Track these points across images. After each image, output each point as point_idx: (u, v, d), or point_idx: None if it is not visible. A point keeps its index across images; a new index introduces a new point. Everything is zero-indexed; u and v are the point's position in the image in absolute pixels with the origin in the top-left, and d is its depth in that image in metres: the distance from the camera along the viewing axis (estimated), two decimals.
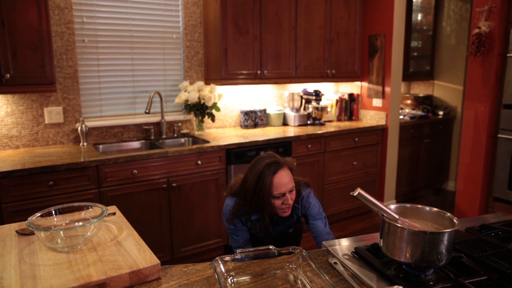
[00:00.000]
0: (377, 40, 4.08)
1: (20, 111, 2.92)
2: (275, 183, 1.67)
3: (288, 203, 1.70)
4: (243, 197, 1.75)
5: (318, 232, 1.85)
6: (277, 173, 1.68)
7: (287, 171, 1.72)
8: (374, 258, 1.22)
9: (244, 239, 1.89)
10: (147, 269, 1.12)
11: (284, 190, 1.68)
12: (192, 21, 3.51)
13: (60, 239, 1.26)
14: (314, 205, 1.86)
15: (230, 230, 1.89)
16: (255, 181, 1.68)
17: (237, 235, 1.88)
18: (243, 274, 1.17)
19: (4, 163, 2.52)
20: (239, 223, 1.86)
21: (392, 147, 4.21)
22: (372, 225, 4.03)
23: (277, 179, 1.67)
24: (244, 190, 1.74)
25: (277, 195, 1.68)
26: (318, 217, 1.86)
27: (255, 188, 1.68)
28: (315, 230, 1.86)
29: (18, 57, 2.56)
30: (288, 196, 1.70)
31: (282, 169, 1.70)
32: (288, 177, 1.71)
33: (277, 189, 1.67)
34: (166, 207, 2.93)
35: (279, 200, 1.69)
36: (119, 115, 3.34)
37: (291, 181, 1.71)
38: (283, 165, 1.71)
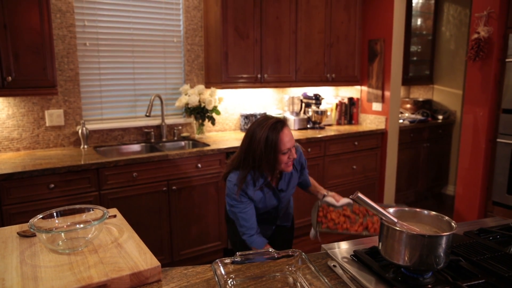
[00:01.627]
0: (376, 45, 4.10)
1: (21, 113, 2.93)
2: (283, 140, 1.78)
3: (293, 157, 1.83)
4: (250, 163, 1.81)
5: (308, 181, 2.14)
6: (283, 130, 1.80)
7: (289, 129, 1.85)
8: (373, 261, 1.23)
9: (253, 216, 1.91)
10: (147, 271, 1.13)
11: (290, 145, 1.80)
12: (193, 25, 3.54)
13: (61, 241, 1.27)
14: (301, 153, 2.04)
15: (238, 209, 1.89)
16: (264, 141, 1.77)
17: (246, 213, 1.89)
18: (242, 276, 1.17)
19: (5, 165, 2.53)
20: (245, 197, 1.89)
21: (391, 151, 4.22)
22: None
23: (284, 136, 1.78)
24: (251, 155, 1.81)
25: (285, 150, 1.78)
26: (305, 166, 2.08)
27: (265, 148, 1.77)
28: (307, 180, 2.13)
29: (20, 60, 2.58)
30: (293, 150, 1.83)
31: (286, 127, 1.82)
32: (291, 133, 1.84)
33: (285, 145, 1.78)
34: (166, 210, 2.93)
35: (285, 155, 1.80)
36: (119, 118, 3.35)
37: (293, 137, 1.85)
38: (286, 123, 1.84)
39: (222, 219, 3.21)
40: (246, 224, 1.89)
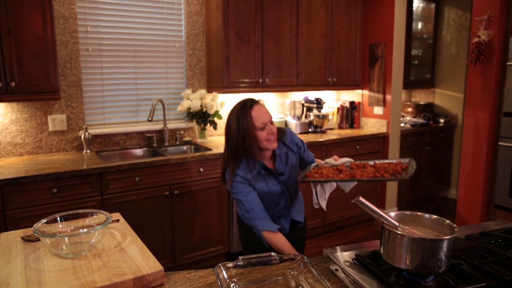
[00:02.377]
0: (377, 49, 4.12)
1: (24, 118, 2.95)
2: (254, 116, 1.75)
3: (272, 132, 1.77)
4: (234, 151, 1.78)
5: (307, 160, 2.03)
6: (253, 107, 1.77)
7: (261, 105, 1.81)
8: (375, 265, 1.23)
9: (259, 203, 1.81)
10: (150, 275, 1.14)
11: (265, 120, 1.76)
12: (195, 30, 3.56)
13: (65, 245, 1.28)
14: (295, 135, 2.01)
15: (243, 197, 1.80)
16: (236, 124, 1.75)
17: (251, 199, 1.80)
18: (245, 280, 1.18)
19: (8, 170, 2.55)
20: (248, 186, 1.83)
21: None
22: (373, 232, 4.03)
23: (254, 112, 1.76)
24: (232, 144, 1.78)
25: (260, 125, 1.75)
26: (302, 145, 2.03)
27: (238, 130, 1.74)
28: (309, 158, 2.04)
29: (23, 65, 2.60)
30: (270, 126, 1.78)
31: (256, 104, 1.79)
32: (264, 109, 1.81)
33: (258, 120, 1.75)
34: (168, 214, 2.94)
35: (263, 131, 1.76)
36: (122, 123, 3.37)
37: (268, 112, 1.81)
38: (256, 101, 1.81)
39: (224, 223, 3.21)
40: (254, 210, 1.78)
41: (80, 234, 1.31)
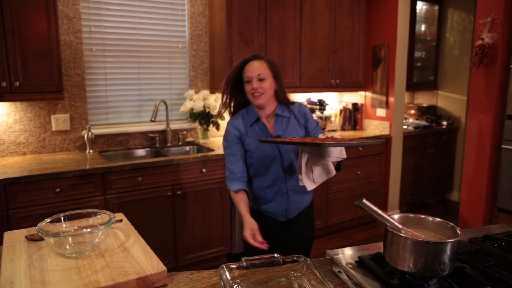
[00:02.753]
0: (381, 50, 4.12)
1: (28, 118, 2.96)
2: (245, 68, 1.83)
3: (254, 88, 1.80)
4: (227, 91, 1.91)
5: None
6: (250, 62, 1.84)
7: (262, 62, 1.83)
8: (378, 267, 1.23)
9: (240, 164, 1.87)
10: (154, 276, 1.14)
11: (251, 74, 1.80)
12: (198, 30, 3.56)
13: (68, 245, 1.29)
14: (310, 114, 1.98)
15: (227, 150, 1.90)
16: (232, 69, 1.88)
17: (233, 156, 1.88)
18: (248, 281, 1.18)
19: (12, 169, 2.55)
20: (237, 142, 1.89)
21: (396, 157, 4.22)
22: (376, 234, 4.02)
23: (248, 65, 1.83)
24: (226, 84, 1.90)
25: (245, 78, 1.83)
26: (317, 127, 1.97)
27: (232, 74, 1.87)
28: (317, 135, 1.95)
29: (27, 65, 2.61)
30: (255, 81, 1.80)
31: (256, 60, 1.84)
32: (260, 65, 1.83)
33: (245, 73, 1.83)
34: (171, 214, 2.94)
35: (248, 84, 1.82)
36: (125, 123, 3.38)
37: (261, 69, 1.81)
38: (260, 58, 1.85)
39: (226, 224, 3.21)
40: (231, 167, 1.87)
41: (84, 234, 1.31)
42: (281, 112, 1.92)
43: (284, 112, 1.93)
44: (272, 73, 1.85)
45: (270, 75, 1.84)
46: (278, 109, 1.91)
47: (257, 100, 1.82)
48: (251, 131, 1.90)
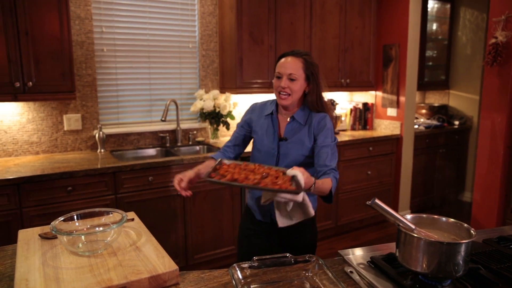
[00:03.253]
0: (391, 50, 4.08)
1: (41, 118, 2.99)
2: (279, 62, 1.75)
3: (281, 86, 1.71)
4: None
5: (317, 163, 1.73)
6: (286, 57, 1.75)
7: (298, 60, 1.72)
8: (390, 268, 1.22)
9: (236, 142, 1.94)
10: (166, 274, 1.15)
11: (282, 71, 1.71)
12: (208, 30, 3.57)
13: (81, 243, 1.30)
14: (328, 129, 1.75)
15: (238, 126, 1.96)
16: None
17: (235, 133, 1.95)
18: (259, 281, 1.18)
19: (25, 168, 2.59)
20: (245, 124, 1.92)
21: (406, 156, 4.18)
22: (386, 235, 3.99)
23: (282, 60, 1.74)
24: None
25: (276, 74, 1.74)
26: (325, 144, 1.73)
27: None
28: (317, 160, 1.74)
29: (40, 65, 2.64)
30: (284, 79, 1.71)
31: (293, 56, 1.73)
32: (294, 64, 1.72)
33: (278, 68, 1.74)
34: (181, 214, 2.96)
35: (277, 80, 1.74)
36: (135, 122, 3.40)
37: (294, 69, 1.70)
38: (298, 54, 1.74)
39: (236, 223, 3.22)
40: (227, 143, 1.96)
41: (96, 232, 1.33)
42: (299, 117, 1.78)
43: (302, 117, 1.78)
44: (306, 74, 1.73)
45: (302, 76, 1.72)
46: (298, 112, 1.78)
47: (282, 100, 1.74)
48: (263, 121, 1.85)
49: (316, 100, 1.76)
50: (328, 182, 1.60)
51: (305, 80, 1.73)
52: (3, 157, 2.89)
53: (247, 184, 1.32)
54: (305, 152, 1.76)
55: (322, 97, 1.80)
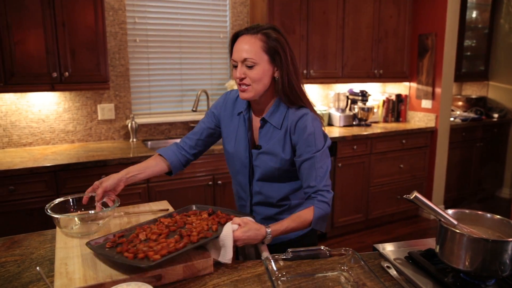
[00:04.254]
0: (427, 39, 3.94)
1: (76, 107, 3.07)
2: (234, 47, 1.37)
3: (237, 76, 1.34)
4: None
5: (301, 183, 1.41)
6: (240, 37, 1.35)
7: (255, 39, 1.31)
8: (430, 264, 1.17)
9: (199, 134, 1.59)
10: (200, 264, 1.15)
11: (236, 56, 1.34)
12: (239, 20, 3.55)
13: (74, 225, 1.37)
14: (311, 134, 1.34)
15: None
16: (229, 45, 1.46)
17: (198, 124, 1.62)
18: (294, 273, 1.16)
19: (62, 156, 2.66)
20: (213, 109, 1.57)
21: (441, 150, 4.05)
22: (418, 229, 3.89)
23: (236, 43, 1.36)
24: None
25: (232, 61, 1.37)
26: (307, 158, 1.35)
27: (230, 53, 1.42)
28: (300, 178, 1.41)
29: (76, 56, 2.69)
30: (239, 67, 1.33)
31: (248, 35, 1.33)
32: (250, 44, 1.31)
33: (233, 54, 1.36)
34: (211, 204, 2.97)
35: (234, 70, 1.36)
36: (167, 112, 3.43)
37: (250, 51, 1.30)
38: (254, 31, 1.33)
39: None
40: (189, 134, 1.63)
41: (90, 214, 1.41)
42: (272, 118, 1.40)
43: (275, 118, 1.40)
44: (269, 55, 1.32)
45: (264, 59, 1.32)
46: (271, 111, 1.40)
47: (242, 93, 1.36)
48: (235, 121, 1.49)
49: (286, 88, 1.35)
50: (302, 217, 1.30)
51: (270, 63, 1.34)
52: (41, 145, 2.98)
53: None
54: (282, 164, 1.40)
55: (296, 85, 1.36)
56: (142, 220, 1.50)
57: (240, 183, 1.53)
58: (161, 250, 1.10)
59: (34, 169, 2.41)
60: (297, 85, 1.36)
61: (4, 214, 2.38)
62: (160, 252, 1.09)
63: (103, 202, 1.40)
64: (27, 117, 2.91)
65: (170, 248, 1.11)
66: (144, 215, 1.56)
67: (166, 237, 1.21)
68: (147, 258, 1.08)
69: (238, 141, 1.48)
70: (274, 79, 1.37)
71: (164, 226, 1.27)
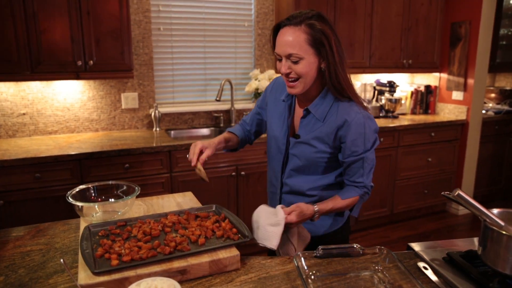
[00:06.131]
0: (461, 28, 3.76)
1: (100, 96, 3.06)
2: (276, 38, 1.30)
3: (283, 72, 1.29)
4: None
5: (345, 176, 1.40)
6: (282, 29, 1.28)
7: (299, 31, 1.23)
8: (471, 267, 1.10)
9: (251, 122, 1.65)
10: (226, 259, 1.11)
11: (280, 51, 1.27)
12: (264, 8, 3.46)
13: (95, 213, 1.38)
14: (361, 134, 1.30)
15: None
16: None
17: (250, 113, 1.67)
18: (325, 271, 1.11)
19: (86, 144, 2.67)
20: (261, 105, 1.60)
21: (472, 144, 3.88)
22: (446, 226, 3.77)
23: (278, 35, 1.29)
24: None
25: (276, 55, 1.31)
26: (354, 158, 1.33)
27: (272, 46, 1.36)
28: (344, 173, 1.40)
29: (101, 44, 2.68)
30: (284, 62, 1.27)
31: (291, 26, 1.24)
32: (294, 37, 1.24)
33: (276, 48, 1.29)
34: (234, 195, 2.94)
35: (279, 64, 1.30)
36: (190, 102, 3.40)
37: (294, 45, 1.23)
38: (297, 21, 1.24)
39: None
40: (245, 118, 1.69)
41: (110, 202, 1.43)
42: (316, 109, 1.35)
43: (320, 110, 1.34)
44: (314, 47, 1.25)
45: (309, 52, 1.25)
46: (317, 102, 1.34)
47: (291, 89, 1.32)
48: (278, 105, 1.47)
49: (334, 79, 1.28)
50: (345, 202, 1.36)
51: (316, 56, 1.26)
52: (66, 133, 3.00)
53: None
54: (319, 157, 1.37)
55: (342, 76, 1.29)
56: (167, 209, 1.48)
57: (274, 169, 1.52)
58: (125, 256, 1.07)
59: (60, 157, 2.42)
60: (343, 76, 1.30)
61: (31, 201, 2.40)
62: (124, 258, 1.06)
63: (123, 191, 1.47)
64: (52, 105, 2.93)
65: (135, 255, 1.07)
66: (168, 204, 1.53)
67: (157, 238, 1.19)
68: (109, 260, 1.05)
69: (279, 126, 1.46)
70: (321, 69, 1.30)
71: (161, 225, 1.26)
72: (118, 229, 1.24)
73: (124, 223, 1.28)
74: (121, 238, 1.17)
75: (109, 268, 1.02)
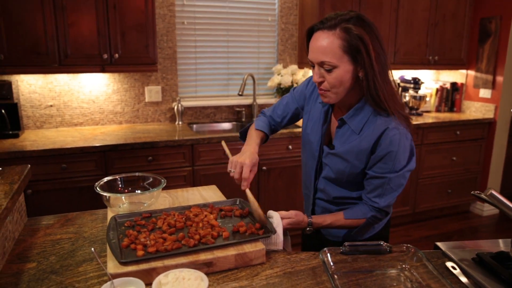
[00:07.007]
0: (491, 23, 3.65)
1: (124, 89, 3.10)
2: (310, 44, 1.20)
3: (315, 81, 1.21)
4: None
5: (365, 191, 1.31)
6: (316, 33, 1.18)
7: (333, 36, 1.13)
8: (503, 269, 1.07)
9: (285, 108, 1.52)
10: (252, 253, 1.11)
11: (312, 58, 1.19)
12: (288, 3, 3.44)
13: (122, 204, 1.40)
14: (393, 152, 1.19)
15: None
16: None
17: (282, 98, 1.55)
18: (350, 268, 1.10)
19: (110, 136, 2.71)
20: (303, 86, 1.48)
21: (499, 143, 3.78)
22: (470, 226, 3.69)
23: (311, 40, 1.19)
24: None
25: (309, 61, 1.22)
26: (378, 175, 1.24)
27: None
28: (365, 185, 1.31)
29: (126, 38, 2.71)
30: (316, 70, 1.19)
31: (324, 30, 1.15)
32: (327, 43, 1.13)
33: (309, 53, 1.21)
34: (255, 189, 2.94)
35: (312, 70, 1.22)
36: (212, 96, 3.41)
37: (328, 52, 1.14)
38: (331, 25, 1.14)
39: None
40: (271, 108, 1.58)
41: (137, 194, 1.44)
42: (352, 120, 1.26)
43: (356, 121, 1.25)
44: (350, 55, 1.14)
45: (344, 59, 1.14)
46: (353, 113, 1.25)
47: (323, 98, 1.25)
48: (316, 106, 1.39)
49: (372, 90, 1.17)
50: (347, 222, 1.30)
51: (352, 63, 1.15)
52: (91, 125, 3.06)
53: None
54: (352, 171, 1.29)
55: (381, 87, 1.17)
56: (191, 202, 1.49)
57: (308, 173, 1.47)
58: (151, 247, 1.07)
59: (85, 148, 2.47)
60: (383, 87, 1.17)
61: (57, 191, 2.46)
62: (150, 249, 1.07)
63: (149, 183, 1.49)
64: (78, 97, 2.98)
65: (160, 247, 1.07)
66: (193, 197, 1.54)
67: (181, 230, 1.20)
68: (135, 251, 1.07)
69: (313, 131, 1.39)
70: (358, 77, 1.19)
71: (185, 218, 1.26)
72: (143, 220, 1.25)
73: (149, 215, 1.30)
74: (146, 229, 1.19)
75: (135, 258, 1.03)
